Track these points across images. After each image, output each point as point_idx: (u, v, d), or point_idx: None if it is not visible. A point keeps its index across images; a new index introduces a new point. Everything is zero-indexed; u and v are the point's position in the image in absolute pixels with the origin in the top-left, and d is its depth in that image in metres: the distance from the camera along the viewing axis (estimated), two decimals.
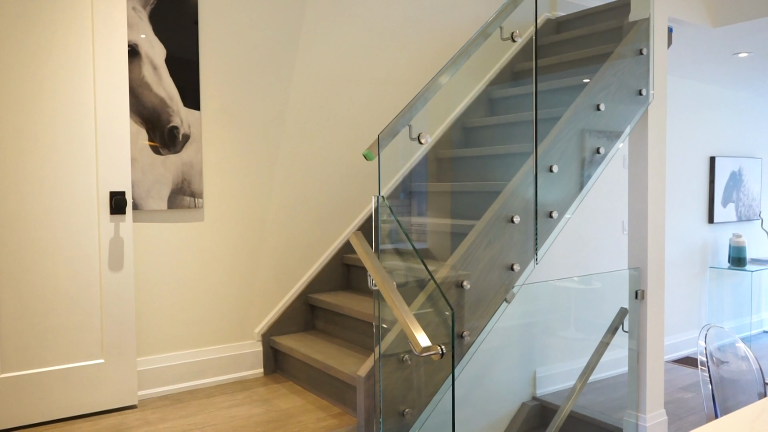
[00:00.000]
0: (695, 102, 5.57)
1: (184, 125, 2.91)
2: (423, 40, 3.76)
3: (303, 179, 3.32)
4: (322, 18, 3.35)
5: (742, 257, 5.66)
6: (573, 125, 2.92)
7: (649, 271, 3.28)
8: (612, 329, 3.38)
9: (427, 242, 3.24)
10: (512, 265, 2.67)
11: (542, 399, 4.06)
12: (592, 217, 4.68)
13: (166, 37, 2.86)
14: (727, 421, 1.46)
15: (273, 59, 3.19)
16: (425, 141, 2.38)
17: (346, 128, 3.47)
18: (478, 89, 3.98)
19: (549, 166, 2.81)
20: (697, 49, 4.22)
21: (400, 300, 2.06)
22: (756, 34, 3.83)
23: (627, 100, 3.17)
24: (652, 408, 3.33)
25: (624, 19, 3.57)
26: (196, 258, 2.98)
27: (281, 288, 3.26)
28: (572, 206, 2.93)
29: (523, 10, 2.92)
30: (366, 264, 2.23)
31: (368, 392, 2.36)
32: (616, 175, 4.82)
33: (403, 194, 3.68)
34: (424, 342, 1.94)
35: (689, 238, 5.56)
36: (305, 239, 3.33)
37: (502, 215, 2.63)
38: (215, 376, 3.03)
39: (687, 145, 5.50)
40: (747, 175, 6.09)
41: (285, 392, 2.87)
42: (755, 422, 1.45)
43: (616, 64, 3.11)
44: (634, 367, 3.36)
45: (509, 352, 3.98)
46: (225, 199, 3.06)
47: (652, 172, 3.29)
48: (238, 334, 3.12)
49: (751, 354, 2.09)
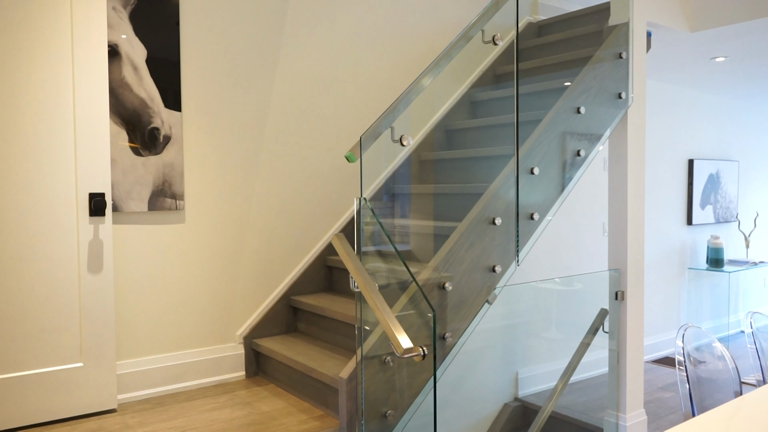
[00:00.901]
0: (674, 105, 5.65)
1: (165, 126, 2.88)
2: (405, 43, 3.77)
3: (285, 181, 3.31)
4: (305, 20, 3.35)
5: (719, 258, 5.75)
6: (554, 128, 2.94)
7: (628, 272, 3.32)
8: (593, 330, 3.42)
9: (410, 244, 3.25)
10: (494, 267, 2.68)
11: (524, 400, 4.08)
12: (573, 219, 4.72)
13: (146, 37, 2.83)
14: (703, 420, 1.48)
15: (255, 60, 3.18)
16: (407, 143, 2.38)
17: (328, 130, 3.47)
18: (461, 92, 4.00)
19: (530, 168, 2.83)
20: (675, 53, 4.29)
21: (381, 302, 2.06)
22: (732, 39, 3.89)
23: (607, 103, 3.21)
24: (632, 408, 3.36)
25: (604, 23, 3.62)
26: (177, 260, 2.96)
27: (263, 290, 3.24)
28: (553, 208, 2.95)
29: (504, 14, 2.94)
30: (348, 266, 2.23)
31: (350, 394, 2.36)
32: (597, 177, 4.88)
33: (386, 196, 3.68)
34: (406, 343, 1.94)
35: (668, 240, 5.64)
36: (287, 241, 3.32)
37: (484, 217, 2.65)
38: (196, 379, 3.01)
39: (666, 148, 5.58)
40: (724, 177, 6.19)
41: (267, 395, 2.86)
42: (731, 420, 1.48)
43: (596, 67, 3.15)
44: (614, 367, 3.39)
45: (492, 353, 4.00)
46: (206, 201, 3.05)
47: (632, 175, 3.33)
48: (220, 337, 3.10)
49: (728, 353, 2.13)
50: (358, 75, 3.57)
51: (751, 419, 1.47)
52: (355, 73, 3.56)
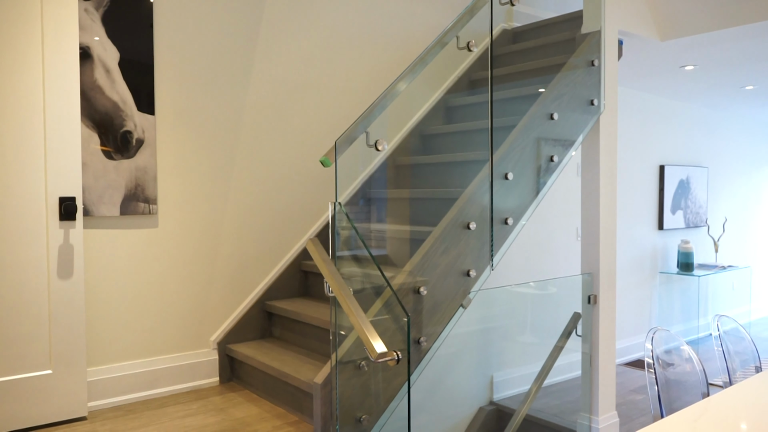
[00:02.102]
0: (645, 112, 5.75)
1: (137, 130, 2.85)
2: (381, 48, 3.78)
3: (260, 185, 3.29)
4: (280, 24, 3.34)
5: (689, 263, 5.86)
6: (528, 134, 2.98)
7: (601, 277, 3.37)
8: (566, 333, 3.46)
9: (386, 249, 3.25)
10: (468, 271, 2.70)
11: (499, 403, 4.11)
12: (547, 224, 4.77)
13: (119, 39, 2.80)
14: (671, 421, 1.51)
15: (230, 64, 3.16)
16: (382, 148, 2.39)
17: (304, 134, 3.46)
18: (436, 97, 4.02)
19: (504, 173, 2.86)
20: (646, 61, 4.37)
21: (356, 306, 2.07)
22: (701, 48, 3.98)
23: (579, 110, 3.26)
24: (604, 410, 3.40)
25: (577, 31, 3.68)
26: (149, 265, 2.92)
27: (238, 295, 3.22)
28: (527, 213, 2.99)
29: (479, 20, 2.97)
30: (322, 270, 2.23)
31: (325, 399, 2.35)
32: (571, 182, 4.94)
33: (362, 200, 3.69)
34: (380, 348, 1.94)
35: (640, 244, 5.73)
36: (262, 246, 3.30)
37: (459, 222, 2.67)
38: (169, 386, 2.97)
39: (638, 154, 5.68)
40: (694, 183, 6.32)
41: (241, 401, 2.84)
42: (697, 421, 1.51)
43: (569, 74, 3.19)
44: (587, 370, 3.44)
45: (467, 357, 4.02)
46: (180, 205, 3.02)
47: (604, 180, 3.38)
48: (193, 343, 3.07)
49: (695, 356, 2.17)
50: (334, 79, 3.57)
51: (716, 420, 1.50)
52: (331, 78, 3.56)
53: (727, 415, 1.53)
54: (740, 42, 3.81)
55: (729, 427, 1.46)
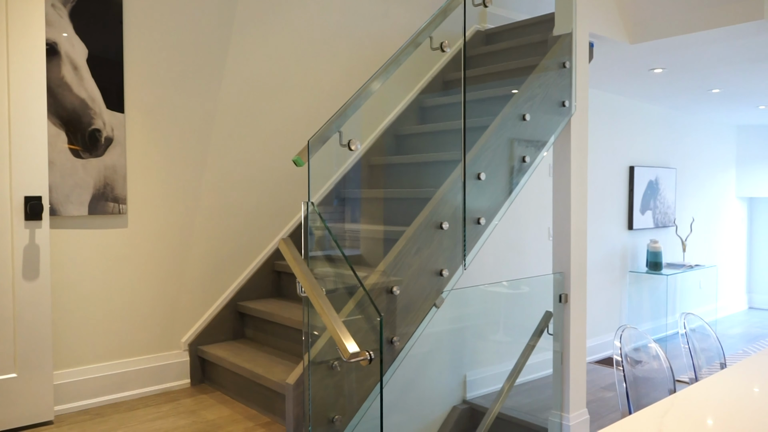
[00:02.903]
0: (616, 114, 5.84)
1: (106, 128, 2.80)
2: (355, 48, 3.78)
3: (233, 184, 3.26)
4: (254, 22, 3.32)
5: (658, 262, 5.97)
6: (500, 134, 3.00)
7: (572, 276, 3.41)
8: (538, 332, 3.49)
9: (360, 249, 3.25)
10: (441, 271, 2.71)
11: (472, 402, 4.14)
12: (520, 224, 4.82)
13: (88, 36, 2.75)
14: (638, 417, 1.53)
15: (202, 62, 3.13)
16: (355, 148, 2.39)
17: (277, 133, 3.44)
18: (410, 98, 4.03)
19: (477, 173, 2.88)
20: (616, 64, 4.44)
21: (328, 306, 2.06)
22: (670, 51, 4.06)
23: (551, 111, 3.29)
24: (575, 407, 3.45)
25: (549, 33, 3.72)
26: (119, 265, 2.88)
27: (209, 296, 3.18)
28: (500, 213, 3.01)
29: (453, 21, 2.98)
30: (295, 270, 2.22)
31: (297, 400, 2.34)
32: (543, 182, 4.99)
33: (337, 200, 3.68)
34: (352, 348, 1.94)
35: (610, 244, 5.82)
36: (235, 246, 3.27)
37: (432, 222, 2.68)
38: (139, 388, 2.92)
39: (608, 155, 5.76)
40: (663, 184, 6.44)
41: (212, 403, 2.81)
42: (664, 417, 1.53)
43: (541, 76, 3.23)
44: (558, 368, 3.48)
45: (440, 356, 4.04)
46: (150, 205, 2.97)
47: (575, 180, 3.42)
48: (164, 344, 3.02)
49: (662, 353, 2.21)
50: (307, 79, 3.56)
51: (682, 415, 1.53)
52: (305, 77, 3.55)
53: (692, 411, 1.56)
54: (706, 46, 3.89)
55: (694, 421, 1.49)
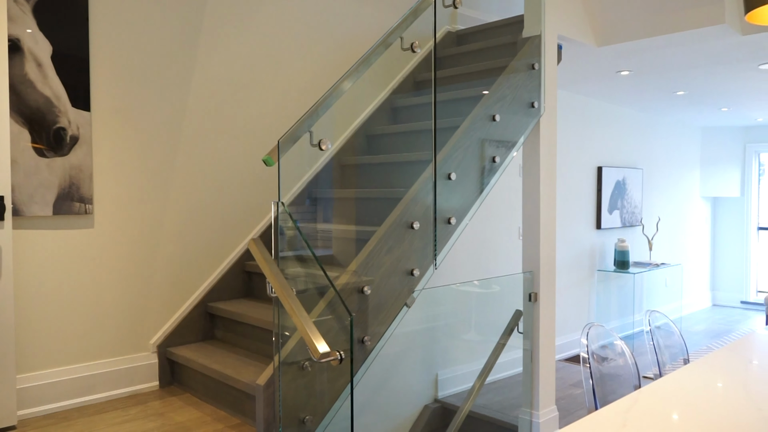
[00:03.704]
0: (584, 115, 5.94)
1: (72, 126, 2.75)
2: (326, 48, 3.77)
3: (202, 184, 3.23)
4: (224, 20, 3.29)
5: (625, 261, 6.09)
6: (470, 135, 3.03)
7: (541, 275, 3.46)
8: (508, 331, 3.53)
9: (332, 248, 3.25)
10: (412, 270, 2.72)
11: (444, 401, 4.16)
12: (491, 223, 4.86)
13: (52, 32, 2.69)
14: (604, 412, 1.57)
15: (171, 60, 3.09)
16: (326, 147, 2.39)
17: (248, 133, 3.41)
18: (381, 98, 4.04)
19: (448, 173, 2.90)
20: (584, 66, 4.51)
21: (298, 306, 2.05)
22: (636, 54, 4.14)
23: (520, 112, 3.33)
24: (544, 404, 3.50)
25: (518, 35, 3.76)
26: (85, 266, 2.82)
27: (179, 297, 3.15)
28: (470, 212, 3.04)
29: (424, 22, 3.00)
30: (264, 271, 2.20)
31: (268, 401, 2.33)
32: (514, 182, 5.05)
33: (309, 200, 3.66)
34: (323, 348, 1.94)
35: (579, 243, 5.91)
36: (204, 246, 3.24)
37: (403, 221, 2.69)
38: (107, 391, 2.88)
39: (577, 156, 5.85)
40: (630, 184, 6.57)
41: (181, 405, 2.77)
42: (628, 412, 1.57)
43: (511, 77, 3.27)
44: (528, 366, 3.52)
45: (412, 356, 4.06)
46: (118, 205, 2.92)
47: (544, 181, 3.47)
48: (132, 346, 2.98)
49: (628, 350, 2.26)
50: (278, 78, 3.54)
51: (646, 410, 1.57)
52: (276, 77, 3.53)
53: (655, 405, 1.60)
54: (671, 49, 3.98)
55: (658, 416, 1.52)
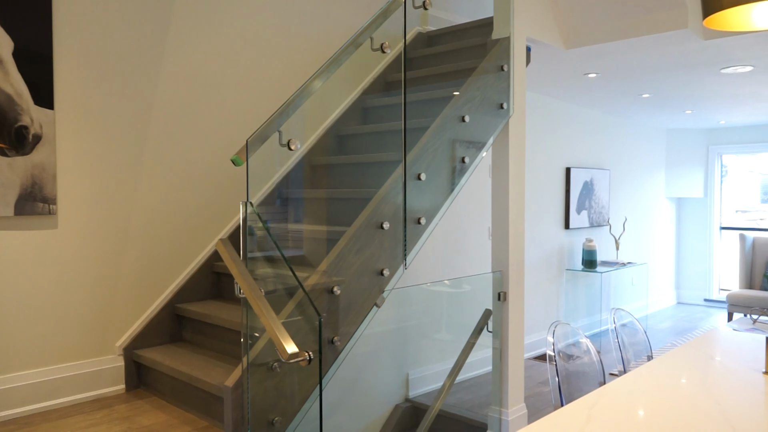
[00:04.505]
0: (553, 117, 6.02)
1: (34, 125, 2.69)
2: (297, 47, 3.76)
3: (170, 184, 3.19)
4: (192, 16, 3.25)
5: (593, 260, 6.19)
6: (440, 135, 3.04)
7: (510, 274, 3.49)
8: (478, 330, 3.56)
9: (303, 249, 3.23)
10: (382, 270, 2.73)
11: (414, 400, 4.18)
12: (461, 223, 4.90)
13: (13, 28, 2.63)
14: (569, 409, 1.59)
15: (137, 57, 3.04)
16: (295, 147, 2.38)
17: (217, 132, 3.38)
18: (352, 98, 4.04)
19: (417, 174, 2.91)
20: (552, 68, 4.58)
21: (267, 307, 2.04)
22: (603, 57, 4.22)
23: (490, 113, 3.37)
24: (513, 402, 3.54)
25: (488, 36, 3.80)
26: (48, 268, 2.76)
27: (145, 298, 3.10)
28: (440, 212, 3.05)
29: (394, 23, 3.01)
30: (232, 271, 2.19)
31: (236, 403, 2.31)
32: (484, 183, 5.09)
33: (279, 200, 3.64)
34: (291, 349, 1.93)
35: (548, 243, 5.99)
36: (172, 247, 3.19)
37: (373, 221, 2.69)
38: (71, 395, 2.82)
39: (545, 157, 5.93)
40: (597, 184, 6.68)
41: (148, 408, 2.73)
42: (593, 408, 1.60)
43: (481, 78, 3.29)
44: (497, 365, 3.56)
45: (383, 355, 4.06)
46: (83, 205, 2.87)
47: (513, 181, 3.51)
48: (97, 349, 2.92)
49: (593, 348, 2.30)
50: (248, 77, 3.51)
51: (609, 406, 1.60)
52: (245, 75, 3.50)
53: (618, 402, 1.63)
54: (636, 53, 4.06)
55: (620, 411, 1.56)
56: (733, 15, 1.44)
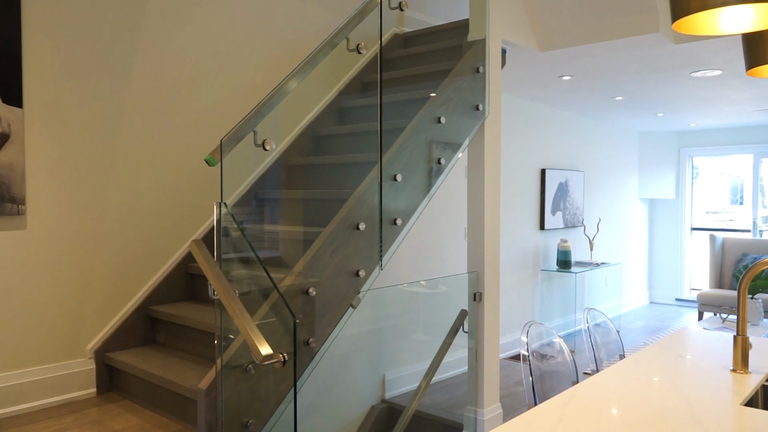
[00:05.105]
0: (528, 118, 6.08)
1: (2, 123, 2.63)
2: (272, 46, 3.73)
3: (143, 184, 3.14)
4: (166, 15, 3.21)
5: (568, 260, 6.26)
6: (416, 136, 3.05)
7: (486, 275, 3.51)
8: (453, 330, 3.57)
9: (279, 250, 3.21)
10: (358, 271, 2.73)
11: (391, 401, 4.18)
12: (437, 224, 4.92)
13: None
14: (542, 408, 1.60)
15: (110, 55, 2.99)
16: (270, 147, 2.36)
17: (191, 132, 3.34)
18: (329, 98, 4.03)
19: (393, 175, 2.91)
20: (527, 70, 4.62)
21: (241, 308, 2.02)
22: (577, 60, 4.27)
23: (465, 115, 3.38)
24: (489, 402, 3.56)
25: (464, 38, 3.82)
26: (17, 269, 2.70)
27: (118, 300, 3.05)
28: (416, 213, 3.06)
29: (370, 24, 3.01)
30: (206, 272, 2.16)
31: (210, 405, 2.28)
32: (460, 184, 5.12)
33: (255, 201, 3.62)
34: (265, 350, 1.92)
35: (523, 243, 6.04)
36: (145, 248, 3.15)
37: (348, 222, 2.68)
38: (40, 399, 2.76)
39: (521, 158, 5.99)
40: (572, 186, 6.76)
41: (120, 412, 2.69)
42: (566, 407, 1.61)
43: (457, 80, 3.31)
44: (473, 365, 3.57)
45: (359, 357, 4.06)
46: (52, 205, 2.81)
47: (489, 182, 3.53)
48: (68, 352, 2.87)
49: (566, 348, 2.32)
50: (222, 76, 3.48)
51: (582, 405, 1.61)
52: (220, 75, 3.47)
53: (591, 400, 1.65)
54: (609, 56, 4.12)
55: (592, 410, 1.57)
56: (701, 19, 1.47)
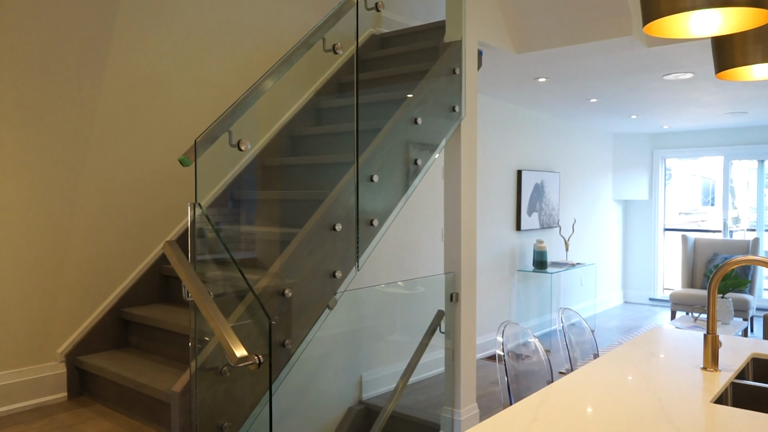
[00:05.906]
0: (504, 120, 6.12)
1: None
2: (249, 45, 3.70)
3: (115, 185, 3.09)
4: (140, 12, 3.16)
5: (543, 261, 6.31)
6: (392, 137, 3.05)
7: (462, 275, 3.53)
8: (430, 331, 3.58)
9: (255, 251, 3.19)
10: (334, 272, 2.71)
11: (368, 402, 4.17)
12: (414, 225, 4.92)
13: None
14: (517, 408, 1.61)
15: (81, 55, 2.94)
16: (245, 148, 2.34)
17: (165, 132, 3.30)
18: (305, 98, 4.01)
19: (370, 175, 2.91)
20: (503, 72, 4.65)
21: (215, 310, 2.00)
22: (552, 62, 4.31)
23: (442, 116, 3.39)
24: (465, 402, 3.57)
25: (440, 40, 3.83)
26: None
27: (89, 303, 3.00)
28: (392, 214, 3.06)
29: (347, 24, 3.00)
30: (180, 274, 2.14)
31: (183, 409, 2.25)
32: (437, 185, 5.13)
33: (231, 202, 3.58)
34: (240, 352, 1.90)
35: (500, 244, 6.08)
36: (118, 249, 3.10)
37: (325, 223, 2.67)
38: (8, 405, 2.70)
39: (497, 159, 6.02)
40: (548, 187, 6.82)
41: (92, 416, 2.64)
42: (540, 406, 1.62)
43: (433, 81, 3.32)
44: (449, 365, 3.58)
45: (336, 358, 4.04)
46: (21, 207, 2.75)
47: (465, 183, 3.55)
48: (37, 356, 2.81)
49: (541, 348, 2.34)
50: (198, 76, 3.44)
51: (555, 404, 1.63)
52: (196, 74, 3.43)
53: (565, 399, 1.66)
54: (583, 58, 4.17)
55: (566, 409, 1.59)
56: (672, 22, 1.49)
